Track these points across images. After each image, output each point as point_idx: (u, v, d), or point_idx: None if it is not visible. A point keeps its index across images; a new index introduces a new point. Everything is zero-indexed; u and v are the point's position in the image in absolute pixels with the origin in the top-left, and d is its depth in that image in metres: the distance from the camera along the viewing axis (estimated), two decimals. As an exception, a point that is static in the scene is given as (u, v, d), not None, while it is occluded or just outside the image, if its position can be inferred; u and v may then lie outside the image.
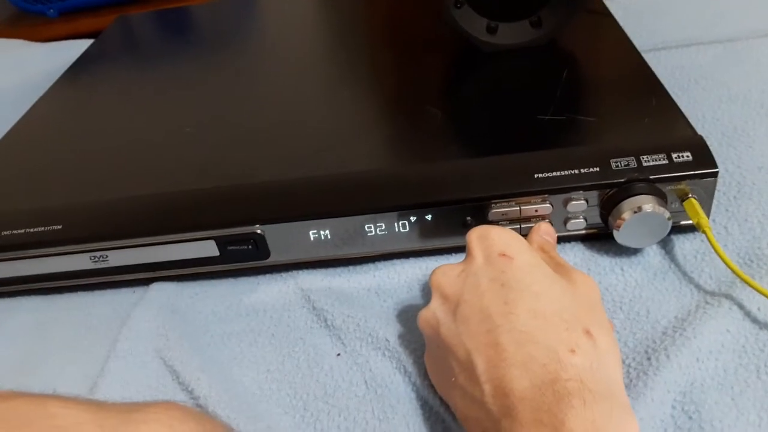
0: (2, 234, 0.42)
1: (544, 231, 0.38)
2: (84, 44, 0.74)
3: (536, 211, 0.40)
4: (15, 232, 0.42)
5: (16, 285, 0.44)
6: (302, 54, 0.62)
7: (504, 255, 0.32)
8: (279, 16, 0.74)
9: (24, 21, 1.38)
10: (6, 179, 0.48)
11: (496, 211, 0.40)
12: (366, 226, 0.41)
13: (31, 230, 0.42)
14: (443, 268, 0.34)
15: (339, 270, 0.43)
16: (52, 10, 1.36)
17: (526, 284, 0.31)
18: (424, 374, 0.35)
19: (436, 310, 0.32)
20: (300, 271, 0.44)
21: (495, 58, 0.53)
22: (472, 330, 0.30)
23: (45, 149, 0.52)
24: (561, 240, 0.42)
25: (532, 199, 0.39)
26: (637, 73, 0.48)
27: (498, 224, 0.40)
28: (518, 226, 0.41)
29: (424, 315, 0.33)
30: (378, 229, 0.41)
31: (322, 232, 0.41)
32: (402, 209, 0.40)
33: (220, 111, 0.53)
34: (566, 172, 0.39)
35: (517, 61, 0.52)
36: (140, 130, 0.52)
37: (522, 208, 0.40)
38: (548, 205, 0.39)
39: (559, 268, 0.34)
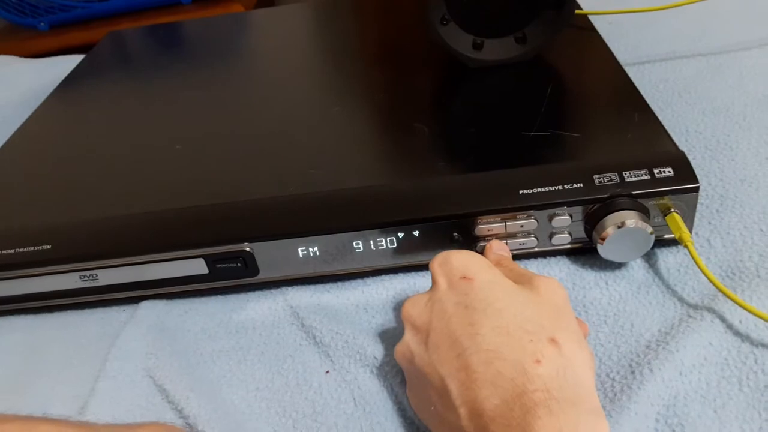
0: (-9, 254, 0.42)
1: (497, 248, 0.39)
2: (75, 59, 0.75)
3: (521, 226, 0.40)
4: (4, 252, 0.42)
5: (6, 304, 0.44)
6: (292, 71, 0.63)
7: (465, 278, 0.33)
8: (270, 33, 0.75)
9: (14, 34, 1.39)
10: (-4, 199, 0.49)
11: (482, 227, 0.40)
12: (354, 243, 0.42)
13: (21, 250, 0.42)
14: (412, 299, 0.34)
15: (328, 286, 0.44)
16: (42, 24, 1.36)
17: (488, 302, 0.31)
18: (411, 391, 0.35)
19: (409, 342, 0.33)
20: (289, 288, 0.44)
21: (481, 73, 0.53)
22: (443, 356, 0.30)
23: (35, 168, 0.52)
24: (546, 255, 0.42)
25: (518, 214, 0.40)
26: (620, 89, 0.49)
27: (484, 240, 0.41)
28: (505, 242, 0.41)
29: (400, 349, 0.34)
30: (366, 245, 0.42)
31: (310, 249, 0.42)
32: (390, 225, 0.41)
33: (211, 128, 0.53)
34: (550, 188, 0.40)
35: (503, 76, 0.53)
36: (130, 147, 0.53)
37: (507, 223, 0.40)
38: (533, 220, 0.40)
39: (521, 278, 0.34)
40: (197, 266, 0.42)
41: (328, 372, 0.38)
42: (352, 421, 0.35)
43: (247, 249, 0.41)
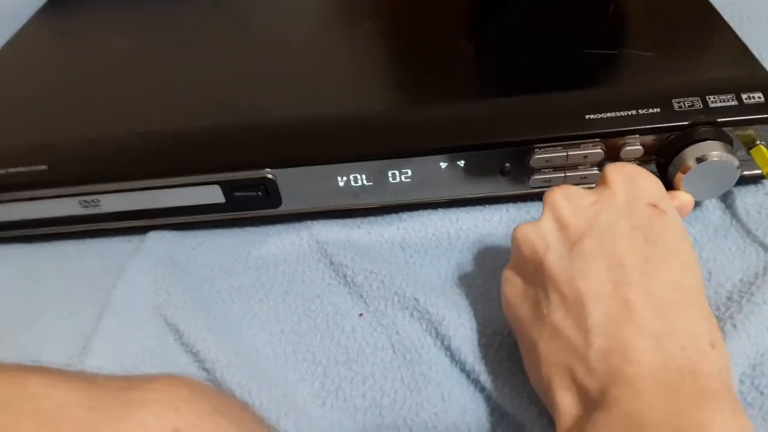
0: (-20, 174, 0.37)
1: (680, 205, 0.32)
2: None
3: (585, 157, 0.35)
4: (-5, 172, 0.37)
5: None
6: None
7: (655, 207, 0.27)
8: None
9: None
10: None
11: (540, 157, 0.35)
12: (390, 172, 0.37)
13: (13, 170, 0.37)
14: (568, 190, 0.29)
15: (358, 221, 0.39)
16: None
17: (674, 250, 0.26)
18: (460, 337, 0.31)
19: (547, 233, 0.27)
20: (314, 222, 0.39)
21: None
22: (593, 272, 0.25)
23: (30, 83, 0.47)
24: (608, 191, 0.37)
25: (582, 143, 0.35)
26: (694, 5, 0.43)
27: (539, 172, 0.36)
28: (563, 175, 0.36)
29: (529, 233, 0.28)
30: (403, 176, 0.37)
31: (340, 178, 0.37)
32: (432, 153, 0.36)
33: (226, 46, 0.47)
34: (622, 113, 0.34)
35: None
36: (137, 64, 0.47)
37: (569, 153, 0.35)
38: (599, 150, 0.35)
39: None
40: (212, 194, 0.37)
41: (362, 315, 0.34)
42: (391, 370, 0.31)
43: (269, 176, 0.36)
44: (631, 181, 0.28)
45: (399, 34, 0.46)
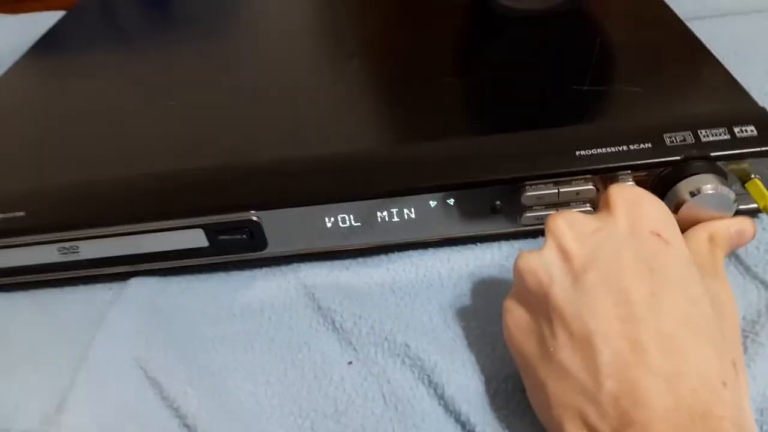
0: (-45, 222, 0.36)
1: (739, 230, 0.31)
2: (59, 15, 0.68)
3: (577, 194, 0.34)
4: (-31, 220, 0.36)
5: (-27, 281, 0.38)
6: (300, 22, 0.56)
7: (658, 236, 0.26)
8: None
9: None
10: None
11: (531, 194, 0.34)
12: (378, 213, 0.36)
13: (-11, 218, 0.36)
14: (570, 216, 0.28)
15: (346, 263, 0.38)
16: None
17: (680, 283, 0.25)
18: (454, 384, 0.30)
19: (551, 264, 0.26)
20: (301, 264, 0.38)
21: (520, 24, 0.47)
22: (599, 308, 0.24)
23: (8, 127, 0.46)
24: (602, 228, 0.37)
25: (574, 179, 0.34)
26: (681, 40, 0.43)
27: (531, 210, 0.35)
28: (555, 212, 0.35)
29: (532, 263, 0.27)
30: (392, 216, 0.36)
31: (327, 219, 0.36)
32: (421, 192, 0.35)
33: (209, 83, 0.46)
34: (613, 149, 0.34)
35: (544, 27, 0.47)
36: (117, 105, 0.46)
37: (561, 190, 0.34)
38: (591, 186, 0.34)
39: (705, 265, 0.28)
40: (196, 238, 0.36)
41: (351, 363, 0.32)
42: (383, 422, 0.29)
43: (254, 218, 0.35)
44: (634, 205, 0.27)
45: (385, 72, 0.45)
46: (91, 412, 0.31)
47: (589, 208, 0.35)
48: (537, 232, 0.37)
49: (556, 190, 0.34)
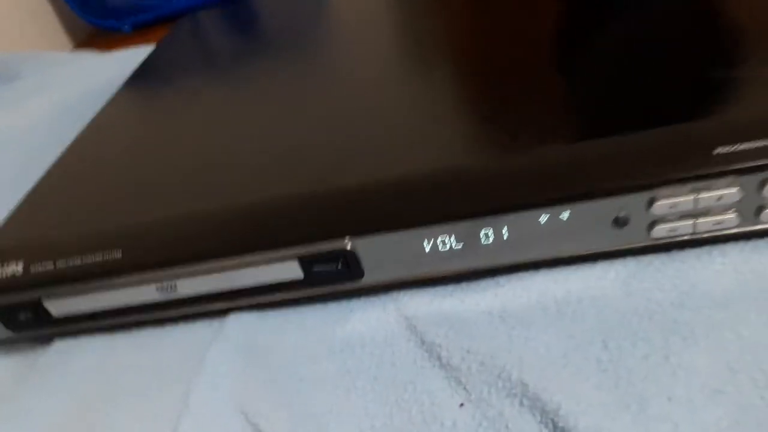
0: (57, 265, 0.36)
1: None
2: (149, 51, 0.70)
3: (719, 199, 0.29)
4: (70, 261, 0.36)
5: (76, 323, 0.38)
6: (384, 34, 0.54)
7: None
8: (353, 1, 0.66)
9: (99, 38, 1.39)
10: (62, 202, 0.43)
11: (662, 202, 0.29)
12: (482, 232, 0.32)
13: (88, 259, 0.36)
14: None
15: (449, 288, 0.35)
16: (126, 26, 1.35)
17: None
18: (582, 429, 0.26)
19: None
20: (400, 293, 0.35)
21: (628, 3, 0.42)
22: None
23: (104, 165, 0.46)
24: (750, 236, 0.31)
25: (714, 182, 0.29)
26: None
27: (663, 221, 0.30)
28: (692, 221, 0.30)
29: None
30: (497, 235, 0.32)
31: (426, 243, 0.33)
32: (529, 207, 0.31)
33: (294, 108, 0.45)
34: (760, 143, 0.28)
35: (652, 9, 0.41)
36: (208, 136, 0.45)
37: (699, 196, 0.29)
38: (736, 189, 0.29)
39: None
40: (291, 270, 0.34)
41: (462, 405, 0.29)
42: (504, 476, 0.26)
43: (348, 247, 0.33)
44: None
45: (478, 77, 0.42)
46: (193, 461, 0.30)
47: (734, 216, 0.30)
48: (670, 246, 0.32)
49: (692, 197, 0.29)
